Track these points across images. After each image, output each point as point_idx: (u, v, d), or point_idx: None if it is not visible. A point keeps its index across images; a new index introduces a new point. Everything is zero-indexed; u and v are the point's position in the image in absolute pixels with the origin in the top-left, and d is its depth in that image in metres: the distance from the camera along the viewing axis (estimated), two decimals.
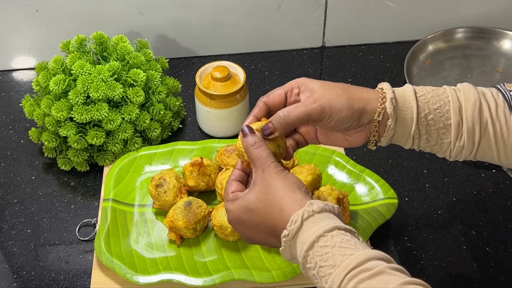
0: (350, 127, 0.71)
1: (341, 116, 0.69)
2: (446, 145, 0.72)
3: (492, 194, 0.97)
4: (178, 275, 0.83)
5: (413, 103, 0.71)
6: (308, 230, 0.60)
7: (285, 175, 0.65)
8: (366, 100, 0.71)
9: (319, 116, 0.69)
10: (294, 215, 0.61)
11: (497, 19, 1.22)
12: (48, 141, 0.98)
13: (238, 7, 1.16)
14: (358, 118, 0.70)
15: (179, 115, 1.09)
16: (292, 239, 0.61)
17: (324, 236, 0.59)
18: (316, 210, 0.61)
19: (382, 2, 1.18)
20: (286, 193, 0.63)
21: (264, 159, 0.66)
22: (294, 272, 0.83)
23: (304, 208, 0.61)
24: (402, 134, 0.72)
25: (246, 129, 0.68)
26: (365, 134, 0.73)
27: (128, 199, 0.94)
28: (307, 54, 1.24)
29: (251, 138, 0.67)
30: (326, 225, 0.60)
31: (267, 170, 0.65)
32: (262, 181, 0.65)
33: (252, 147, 0.67)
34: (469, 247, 0.90)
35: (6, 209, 0.97)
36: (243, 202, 0.66)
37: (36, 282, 0.87)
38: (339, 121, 0.69)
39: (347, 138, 0.74)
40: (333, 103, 0.69)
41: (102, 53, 1.02)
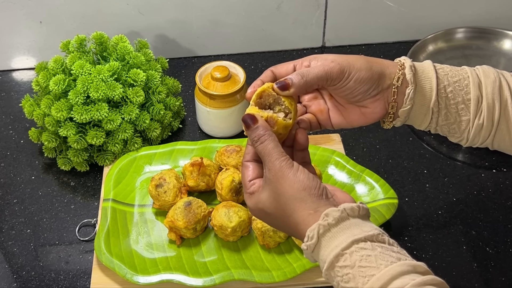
0: (369, 91, 0.67)
1: (360, 76, 0.65)
2: (464, 124, 0.69)
3: (492, 194, 0.97)
4: (178, 275, 0.83)
5: (432, 74, 0.68)
6: (326, 247, 0.57)
7: (294, 175, 0.60)
8: (385, 64, 0.68)
9: (338, 75, 0.65)
10: (310, 230, 0.57)
11: (497, 19, 1.21)
12: (48, 141, 0.98)
13: (238, 7, 1.16)
14: (377, 81, 0.67)
15: (179, 115, 1.09)
16: (312, 252, 0.58)
17: (342, 255, 0.55)
18: (332, 222, 0.57)
19: (382, 2, 1.18)
20: (297, 205, 0.59)
21: (269, 154, 0.61)
22: (294, 272, 0.83)
23: (319, 222, 0.57)
24: (420, 108, 0.69)
25: (248, 120, 0.62)
26: (383, 104, 0.69)
27: (128, 199, 0.94)
28: (307, 54, 1.22)
29: (255, 132, 0.62)
30: (344, 241, 0.56)
31: (273, 171, 0.60)
32: (270, 187, 0.61)
33: (256, 143, 0.62)
34: (469, 247, 0.90)
35: (6, 209, 0.97)
36: (259, 203, 0.63)
37: (36, 282, 0.87)
38: (358, 81, 0.66)
39: (364, 111, 0.69)
40: (352, 62, 0.66)
41: (102, 53, 1.02)
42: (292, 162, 0.61)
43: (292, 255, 0.86)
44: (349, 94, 0.67)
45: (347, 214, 0.58)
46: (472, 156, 1.03)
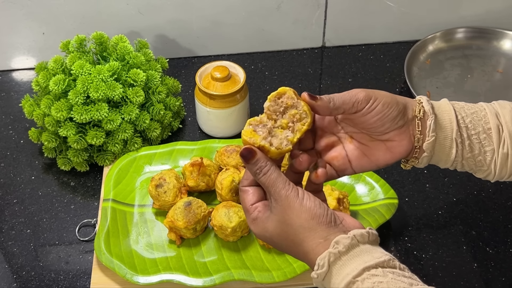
0: (396, 119, 0.66)
1: (387, 101, 0.65)
2: (489, 154, 0.68)
3: (492, 194, 0.97)
4: (178, 276, 0.83)
5: (449, 107, 0.68)
6: (337, 275, 0.56)
7: (300, 205, 0.59)
8: (406, 98, 0.68)
9: (364, 98, 0.64)
10: (320, 258, 0.57)
11: (497, 19, 1.21)
12: (48, 141, 0.98)
13: (238, 7, 1.16)
14: (403, 110, 0.66)
15: (179, 115, 1.09)
16: (322, 281, 0.58)
17: (354, 283, 0.55)
18: (343, 250, 0.56)
19: (382, 2, 1.18)
20: (307, 235, 0.58)
21: (273, 185, 0.60)
22: (294, 272, 0.83)
23: (330, 251, 0.56)
24: (444, 140, 0.68)
25: (247, 155, 0.61)
26: (409, 136, 0.67)
27: (128, 199, 0.94)
28: (307, 54, 1.24)
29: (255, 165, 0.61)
30: (355, 269, 0.55)
31: (279, 201, 0.59)
32: (278, 217, 0.60)
33: (259, 175, 0.60)
34: (470, 247, 0.90)
35: (6, 209, 0.96)
36: (266, 233, 0.62)
37: (36, 282, 0.87)
38: (386, 105, 0.64)
39: (390, 146, 0.67)
40: (376, 91, 0.65)
41: (102, 53, 1.02)
42: (298, 190, 0.60)
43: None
44: (378, 120, 0.65)
45: (357, 240, 0.57)
46: None
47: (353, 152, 0.69)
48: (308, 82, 1.18)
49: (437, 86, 1.14)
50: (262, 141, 0.61)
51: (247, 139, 0.61)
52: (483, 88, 1.14)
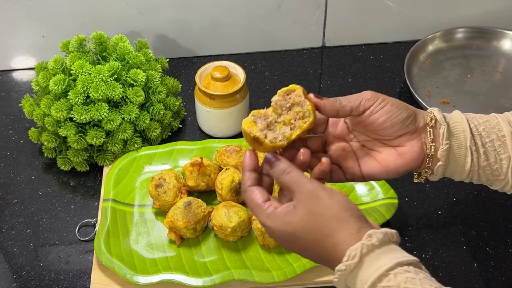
0: (406, 122, 0.66)
1: (396, 103, 0.65)
2: (506, 162, 0.67)
3: (492, 194, 0.97)
4: (178, 275, 0.83)
5: (461, 116, 0.68)
6: (368, 268, 0.55)
7: (330, 198, 0.59)
8: (414, 108, 0.68)
9: (371, 96, 0.64)
10: (351, 249, 0.56)
11: (497, 19, 1.21)
12: (48, 141, 0.98)
13: (238, 7, 1.16)
14: (413, 115, 0.66)
15: (179, 115, 1.09)
16: (349, 274, 0.57)
17: (386, 276, 0.54)
18: (376, 243, 0.56)
19: (382, 2, 1.18)
20: (339, 225, 0.57)
21: (296, 183, 0.60)
22: (294, 272, 0.83)
23: (363, 242, 0.56)
24: (458, 150, 0.67)
25: (270, 157, 0.62)
26: (420, 143, 0.67)
27: (128, 199, 0.94)
28: (307, 54, 1.24)
29: (279, 166, 0.62)
30: (388, 262, 0.55)
31: (306, 195, 0.59)
32: (306, 208, 0.59)
33: (282, 175, 0.61)
34: (469, 247, 0.90)
35: (6, 209, 0.96)
36: (287, 227, 0.60)
37: (36, 282, 0.87)
38: (395, 105, 0.65)
39: (401, 151, 0.67)
40: (387, 98, 0.65)
41: (102, 53, 1.02)
42: (323, 185, 0.60)
43: (292, 255, 0.86)
44: (387, 120, 0.65)
45: (388, 238, 0.57)
46: None
47: (363, 157, 0.69)
48: (308, 82, 1.18)
49: (437, 86, 1.14)
50: (258, 132, 0.62)
51: (245, 128, 0.63)
52: (483, 88, 1.14)
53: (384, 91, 1.14)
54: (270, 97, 1.19)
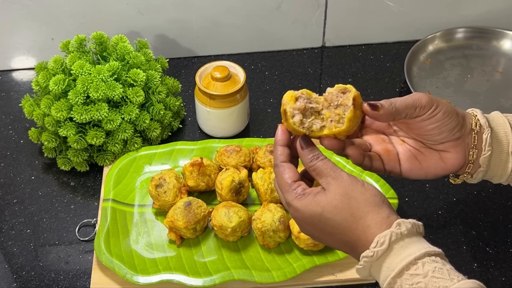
0: (454, 130, 0.65)
1: (448, 109, 0.63)
2: None
3: (492, 194, 0.97)
4: (178, 275, 0.83)
5: (503, 119, 0.67)
6: (396, 256, 0.56)
7: (363, 185, 0.59)
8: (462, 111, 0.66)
9: (427, 103, 0.62)
10: (380, 236, 0.56)
11: (497, 19, 1.21)
12: (48, 141, 0.98)
13: (238, 7, 1.16)
14: (462, 121, 0.65)
15: (179, 115, 1.09)
16: (376, 261, 0.57)
17: (415, 264, 0.55)
18: (405, 232, 0.56)
19: (382, 2, 1.18)
20: (372, 209, 0.58)
21: (332, 167, 0.60)
22: (294, 272, 0.83)
23: (392, 230, 0.56)
24: (499, 155, 0.66)
25: (303, 142, 0.62)
26: (463, 150, 0.66)
27: (128, 199, 0.94)
28: (307, 54, 1.24)
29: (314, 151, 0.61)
30: (417, 251, 0.56)
31: (341, 178, 0.59)
32: (339, 190, 0.59)
33: (315, 161, 0.60)
34: (470, 247, 0.90)
35: (6, 209, 0.96)
36: (315, 207, 0.59)
37: (36, 282, 0.87)
38: (447, 113, 0.63)
39: (444, 156, 0.66)
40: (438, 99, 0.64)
41: (102, 53, 1.02)
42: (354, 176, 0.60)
43: (292, 255, 0.86)
44: (436, 128, 0.64)
45: (416, 229, 0.58)
46: None
47: (404, 153, 0.68)
48: (308, 82, 1.18)
49: (437, 86, 1.14)
50: (290, 108, 0.61)
51: (284, 98, 0.62)
52: (483, 88, 1.14)
53: (384, 91, 1.15)
54: (270, 97, 1.20)
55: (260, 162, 0.95)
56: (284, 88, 1.16)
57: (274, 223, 0.84)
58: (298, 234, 0.84)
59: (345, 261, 0.86)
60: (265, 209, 0.86)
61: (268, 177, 0.90)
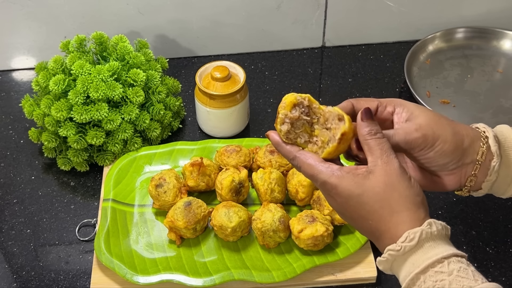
0: (448, 164, 0.64)
1: (443, 148, 0.63)
2: None
3: (492, 194, 0.96)
4: (178, 275, 0.83)
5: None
6: (423, 253, 0.56)
7: (409, 181, 0.58)
8: (471, 137, 0.64)
9: (420, 145, 0.62)
10: (411, 232, 0.56)
11: (497, 19, 1.21)
12: (48, 141, 0.98)
13: (238, 7, 1.16)
14: (461, 156, 0.64)
15: (179, 115, 1.09)
16: (401, 256, 0.57)
17: (441, 262, 0.56)
18: (435, 233, 0.57)
19: (382, 2, 1.18)
20: (410, 207, 0.58)
21: (387, 150, 0.58)
22: (294, 272, 0.83)
23: (423, 228, 0.57)
24: (505, 179, 0.66)
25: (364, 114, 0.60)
26: (458, 178, 0.66)
27: (128, 199, 0.94)
28: (307, 54, 1.24)
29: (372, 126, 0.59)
30: (445, 251, 0.56)
31: (391, 166, 0.58)
32: (385, 178, 0.58)
33: (372, 136, 0.59)
34: (470, 247, 0.90)
35: (6, 209, 0.96)
36: (356, 188, 0.58)
37: (36, 282, 0.87)
38: (440, 153, 0.63)
39: (435, 180, 0.67)
40: (437, 132, 0.62)
41: (102, 53, 1.02)
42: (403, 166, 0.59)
43: (292, 255, 0.86)
44: (425, 163, 0.65)
45: (445, 232, 0.59)
46: None
47: None
48: (308, 82, 1.18)
49: (437, 86, 1.14)
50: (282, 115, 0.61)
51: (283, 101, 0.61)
52: (483, 88, 1.14)
53: (384, 91, 1.15)
54: (270, 97, 1.20)
55: (260, 162, 0.95)
56: (284, 88, 1.16)
57: (274, 223, 0.84)
58: (298, 234, 0.84)
59: (345, 261, 0.86)
60: (265, 209, 0.86)
61: (268, 177, 0.90)
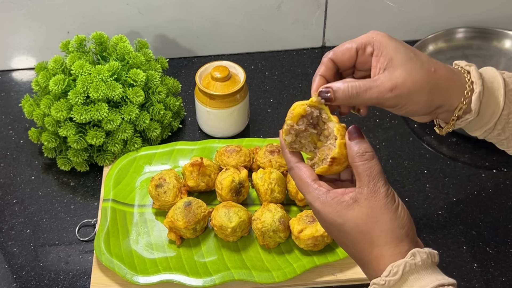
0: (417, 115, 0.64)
1: (415, 109, 0.61)
2: None
3: (492, 194, 0.97)
4: (178, 276, 0.83)
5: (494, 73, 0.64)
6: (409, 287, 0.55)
7: (395, 212, 0.56)
8: (449, 93, 0.62)
9: (391, 106, 0.61)
10: (394, 265, 0.55)
11: (497, 19, 1.21)
12: (48, 141, 0.98)
13: (238, 7, 1.16)
14: (434, 111, 0.63)
15: (179, 115, 1.09)
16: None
17: None
18: (419, 263, 0.55)
19: (382, 2, 1.18)
20: (392, 241, 0.56)
21: (375, 177, 0.56)
22: (294, 272, 0.83)
23: (406, 260, 0.55)
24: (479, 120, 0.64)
25: (354, 131, 0.57)
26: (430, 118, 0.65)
27: (128, 199, 0.94)
28: (307, 54, 1.24)
29: (361, 146, 0.57)
30: (430, 283, 0.54)
31: (376, 196, 0.56)
32: (368, 210, 0.56)
33: (360, 158, 0.57)
34: (470, 247, 0.90)
35: (6, 209, 0.96)
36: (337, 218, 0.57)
37: (36, 282, 0.87)
38: (410, 112, 0.62)
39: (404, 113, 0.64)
40: (411, 94, 0.60)
41: (101, 53, 1.02)
42: (394, 194, 0.57)
43: (292, 255, 0.86)
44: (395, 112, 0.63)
45: (431, 259, 0.57)
46: (473, 156, 1.03)
47: None
48: (308, 82, 1.18)
49: None
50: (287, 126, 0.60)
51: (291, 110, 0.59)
52: None
53: None
54: (270, 97, 1.20)
55: (260, 162, 0.95)
56: (284, 88, 1.16)
57: (274, 223, 0.84)
58: (298, 234, 0.84)
59: (345, 261, 0.86)
60: (265, 209, 0.86)
61: (268, 177, 0.90)
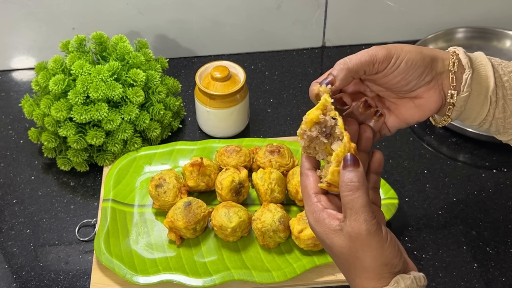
0: (422, 75, 0.62)
1: (411, 57, 0.61)
2: None
3: (492, 194, 0.97)
4: (178, 276, 0.83)
5: (486, 61, 0.64)
6: None
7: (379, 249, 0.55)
8: (435, 50, 0.63)
9: (384, 58, 0.60)
10: None
11: (497, 19, 1.21)
12: (48, 141, 0.98)
13: (238, 7, 1.16)
14: (430, 64, 0.62)
15: (179, 115, 1.09)
16: None
17: None
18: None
19: (382, 2, 1.18)
20: (373, 277, 0.55)
21: (356, 211, 0.54)
22: (294, 272, 0.83)
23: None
24: (477, 97, 0.64)
25: (349, 159, 0.55)
26: (438, 92, 0.63)
27: (127, 199, 0.94)
28: (307, 54, 1.24)
29: (349, 175, 0.55)
30: None
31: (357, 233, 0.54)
32: (349, 242, 0.55)
33: (346, 188, 0.55)
34: (470, 247, 0.90)
35: (6, 209, 0.96)
36: (325, 237, 0.57)
37: (36, 282, 0.87)
38: (409, 63, 0.61)
39: (418, 103, 0.64)
40: (399, 46, 0.61)
41: (101, 53, 1.02)
42: (381, 228, 0.55)
43: (292, 255, 0.86)
44: (401, 80, 0.62)
45: (416, 284, 0.56)
46: (473, 156, 1.03)
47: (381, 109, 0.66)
48: (308, 82, 1.18)
49: None
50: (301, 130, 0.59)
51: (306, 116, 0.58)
52: None
53: None
54: (270, 97, 1.20)
55: (260, 162, 0.95)
56: (284, 88, 1.16)
57: (274, 223, 0.84)
58: (298, 234, 0.84)
59: None
60: (265, 209, 0.86)
61: (268, 177, 0.90)
